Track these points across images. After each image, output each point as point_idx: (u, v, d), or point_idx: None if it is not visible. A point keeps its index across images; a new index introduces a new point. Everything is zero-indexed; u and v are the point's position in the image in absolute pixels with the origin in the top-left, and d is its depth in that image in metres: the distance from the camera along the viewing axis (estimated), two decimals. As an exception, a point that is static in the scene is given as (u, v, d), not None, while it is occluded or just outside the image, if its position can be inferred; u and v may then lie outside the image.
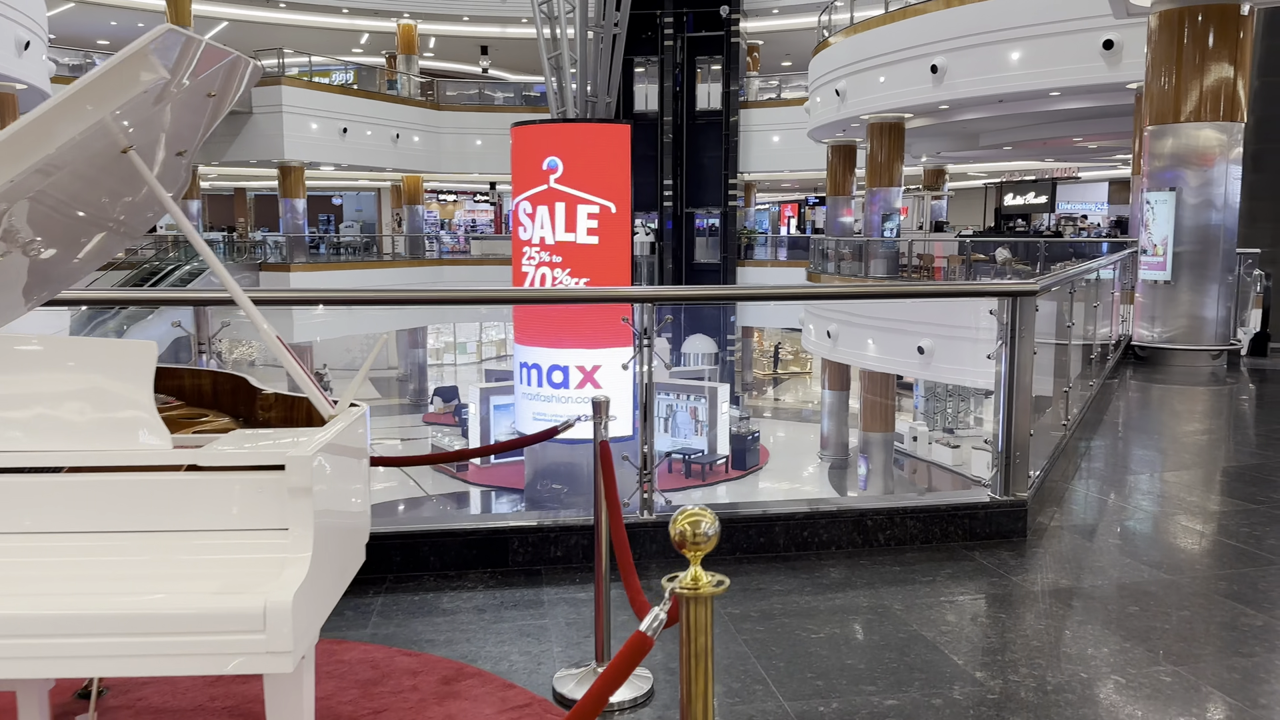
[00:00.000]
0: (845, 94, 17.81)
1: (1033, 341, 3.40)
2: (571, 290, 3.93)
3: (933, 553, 3.30)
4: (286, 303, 5.14)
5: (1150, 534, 3.60)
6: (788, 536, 3.32)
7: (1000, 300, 3.37)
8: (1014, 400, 3.37)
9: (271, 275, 25.00)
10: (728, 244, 27.67)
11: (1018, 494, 3.43)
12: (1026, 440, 3.42)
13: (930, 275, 17.20)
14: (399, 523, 3.43)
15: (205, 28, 29.76)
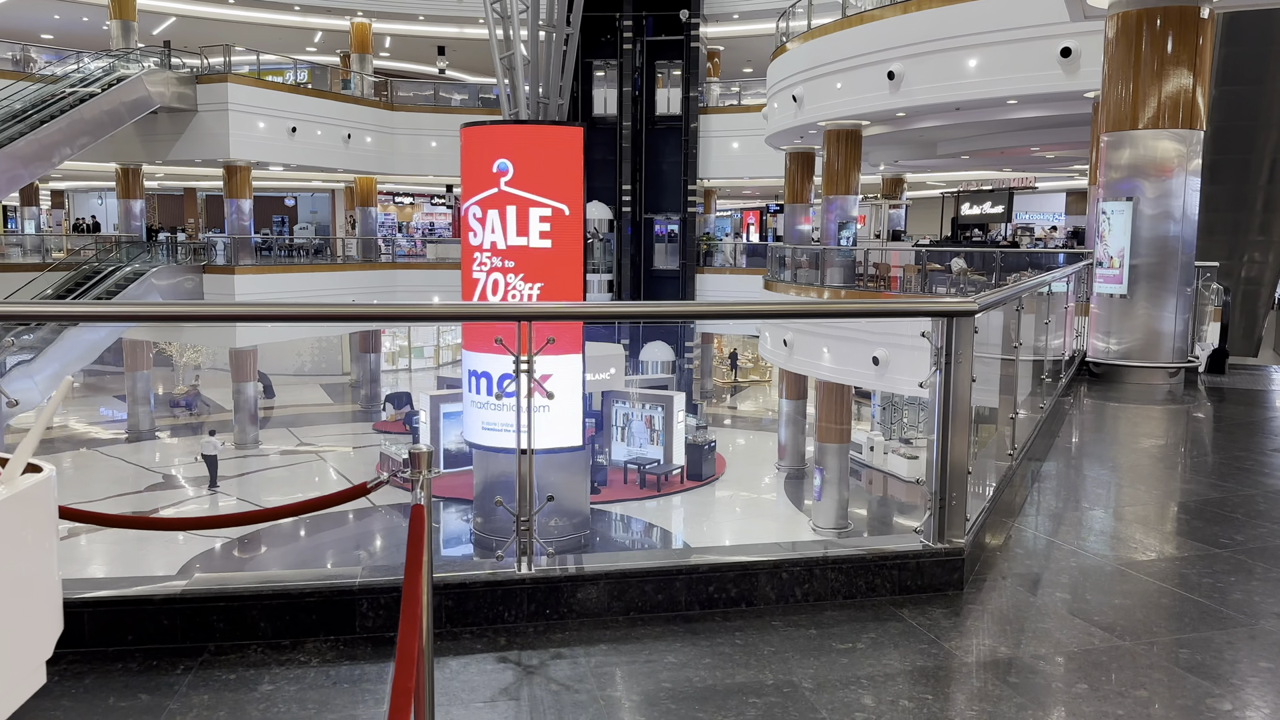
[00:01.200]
0: (802, 100, 17.50)
1: (970, 367, 2.98)
2: (447, 308, 3.36)
3: (856, 611, 2.86)
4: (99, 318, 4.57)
5: (1103, 586, 3.19)
6: (690, 593, 2.86)
7: (934, 321, 2.94)
8: (949, 434, 2.94)
9: (215, 278, 24.21)
10: (686, 250, 27.30)
11: (954, 540, 3.00)
12: (964, 479, 3.00)
13: (887, 284, 16.91)
14: (225, 580, 2.86)
15: (152, 23, 28.92)
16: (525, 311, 2.90)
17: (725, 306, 3.96)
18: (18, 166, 19.68)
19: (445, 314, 2.49)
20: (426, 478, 2.15)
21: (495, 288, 16.19)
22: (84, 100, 21.42)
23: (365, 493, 2.39)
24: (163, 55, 24.23)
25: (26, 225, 35.29)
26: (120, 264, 24.10)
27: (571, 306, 2.58)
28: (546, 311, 2.81)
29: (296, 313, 2.31)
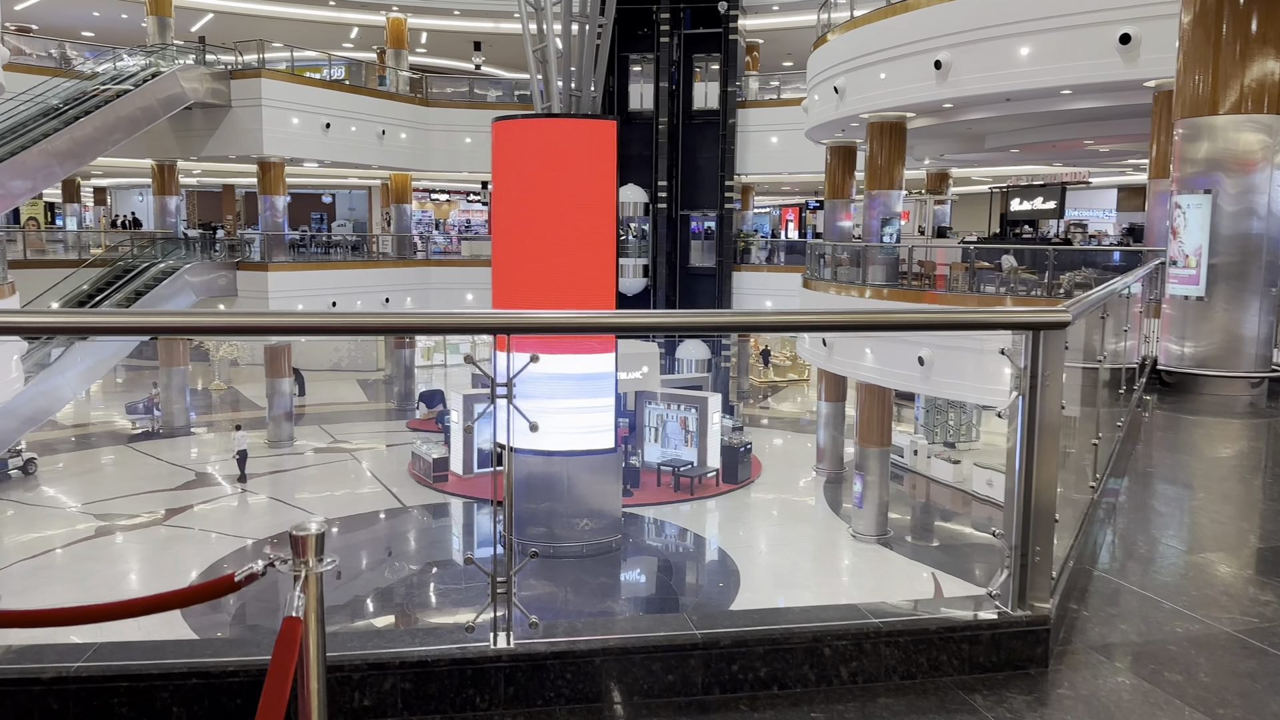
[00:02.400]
0: (844, 92, 16.89)
1: (1060, 391, 2.44)
2: (417, 318, 2.78)
3: (916, 697, 2.32)
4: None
5: (1221, 662, 2.59)
6: (709, 673, 2.33)
7: (1016, 335, 2.41)
8: (1033, 474, 2.41)
9: (249, 275, 24.10)
10: (723, 247, 26.74)
11: (1037, 606, 2.45)
12: (1050, 529, 2.46)
13: (932, 283, 16.25)
14: (131, 654, 2.37)
15: (191, 19, 28.91)
16: (506, 322, 2.42)
17: (764, 317, 3.39)
18: (52, 163, 19.63)
19: (414, 325, 2.02)
20: (313, 570, 1.64)
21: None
22: (118, 96, 21.35)
23: (234, 588, 1.89)
24: (198, 51, 24.15)
25: (69, 222, 35.56)
26: (155, 260, 24.08)
27: (564, 316, 1.99)
28: (533, 322, 2.32)
29: (270, 324, 1.90)
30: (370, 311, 3.33)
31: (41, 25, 29.35)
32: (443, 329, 2.36)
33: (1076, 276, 14.46)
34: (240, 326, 2.24)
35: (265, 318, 2.22)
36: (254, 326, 2.36)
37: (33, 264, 24.18)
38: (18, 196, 19.22)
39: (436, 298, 29.05)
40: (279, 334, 4.35)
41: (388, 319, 2.23)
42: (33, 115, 20.56)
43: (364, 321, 2.35)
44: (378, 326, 2.20)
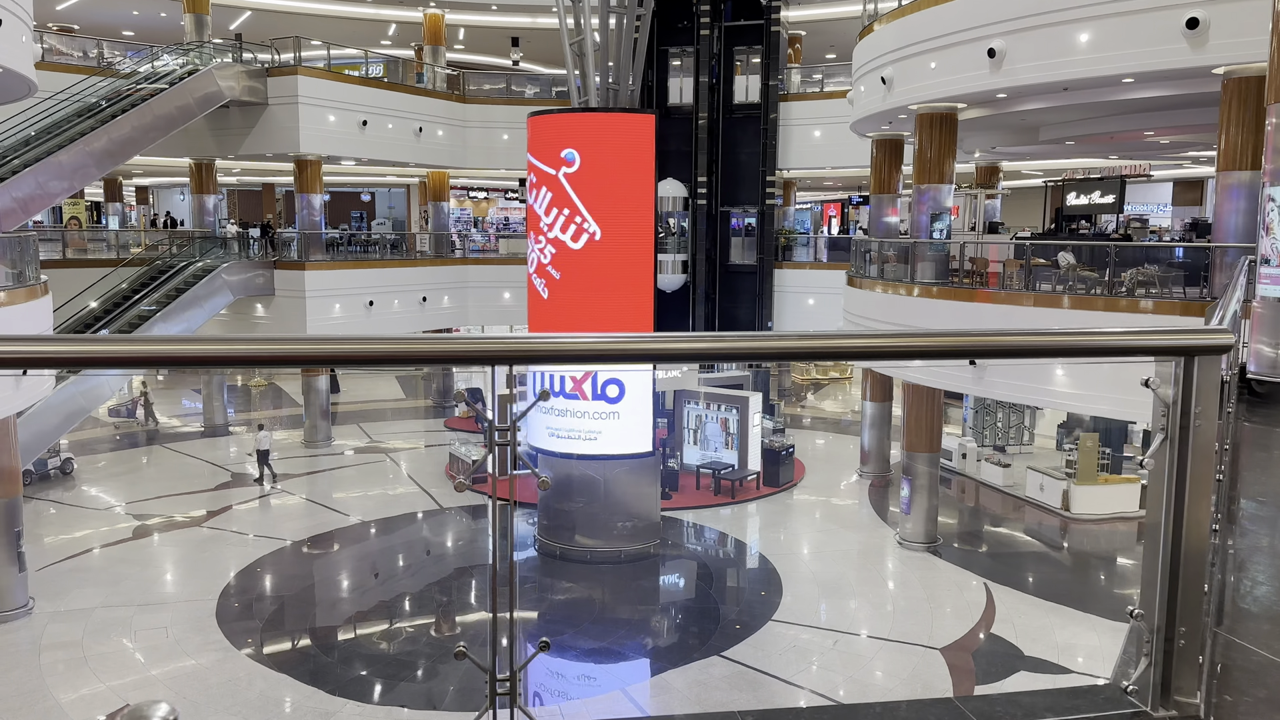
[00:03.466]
0: (892, 82, 16.26)
1: (1214, 429, 1.92)
2: (407, 346, 2.18)
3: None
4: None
5: None
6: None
7: (1162, 363, 1.89)
8: (1182, 540, 1.90)
9: (286, 274, 23.99)
10: (765, 244, 26.15)
11: (1184, 700, 1.95)
12: (1200, 606, 1.94)
13: (984, 281, 15.61)
14: None
15: (229, 17, 28.90)
16: (508, 349, 1.96)
17: (838, 341, 2.72)
18: (88, 162, 19.59)
19: (406, 354, 1.61)
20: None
21: (541, 269, 15.43)
22: (154, 95, 21.29)
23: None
24: (234, 49, 24.07)
25: (111, 221, 35.85)
26: (192, 259, 24.05)
27: (579, 343, 1.61)
28: (538, 350, 1.87)
29: (243, 354, 1.54)
30: (352, 337, 2.92)
31: (83, 24, 29.52)
32: (433, 358, 1.93)
33: (1139, 274, 13.77)
34: (201, 357, 1.82)
35: (229, 346, 1.79)
36: (216, 357, 1.94)
37: (72, 263, 24.30)
38: (55, 196, 19.21)
39: (473, 296, 28.81)
40: (239, 365, 3.83)
41: (365, 347, 1.77)
42: (69, 114, 20.56)
43: (339, 350, 1.91)
44: (355, 356, 1.74)
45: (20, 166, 18.34)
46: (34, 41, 14.25)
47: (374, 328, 26.39)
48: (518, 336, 1.97)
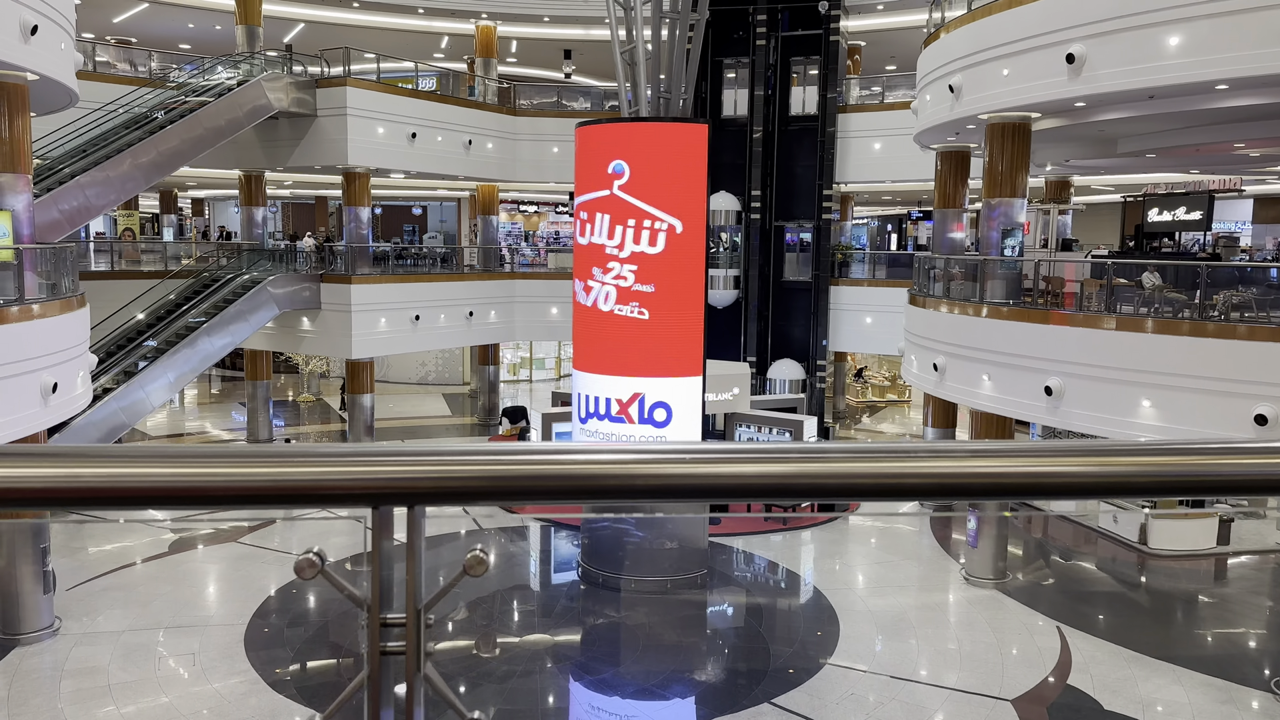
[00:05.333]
0: (961, 91, 15.36)
1: None
2: (276, 479, 1.42)
3: None
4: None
5: None
6: None
7: None
8: None
9: (332, 287, 23.68)
10: (820, 260, 25.28)
11: None
12: None
13: (1059, 301, 14.61)
14: None
15: (282, 29, 28.88)
16: (396, 484, 1.20)
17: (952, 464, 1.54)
18: (135, 174, 19.43)
19: (270, 488, 1.01)
20: None
21: (588, 291, 14.76)
22: (202, 106, 21.13)
23: None
24: (284, 60, 23.91)
25: (166, 233, 36.10)
26: (239, 271, 23.86)
27: (488, 474, 0.97)
28: (436, 483, 1.08)
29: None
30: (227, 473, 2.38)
31: (140, 37, 29.72)
32: (303, 494, 1.18)
33: (1233, 296, 12.69)
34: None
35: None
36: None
37: (121, 274, 24.27)
38: (101, 208, 19.06)
39: (521, 311, 28.31)
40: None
41: (260, 484, 0.97)
42: (117, 125, 20.46)
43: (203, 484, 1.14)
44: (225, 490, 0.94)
45: (67, 178, 18.21)
46: (75, 50, 13.93)
47: (419, 342, 26.02)
48: (417, 472, 1.21)
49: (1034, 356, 13.58)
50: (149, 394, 19.43)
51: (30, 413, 11.63)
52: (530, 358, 39.27)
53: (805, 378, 25.32)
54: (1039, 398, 13.39)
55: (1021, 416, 14.32)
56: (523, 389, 37.33)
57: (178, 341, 20.51)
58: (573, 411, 15.83)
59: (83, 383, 13.52)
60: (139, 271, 24.91)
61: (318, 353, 28.09)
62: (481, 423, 29.81)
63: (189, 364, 20.58)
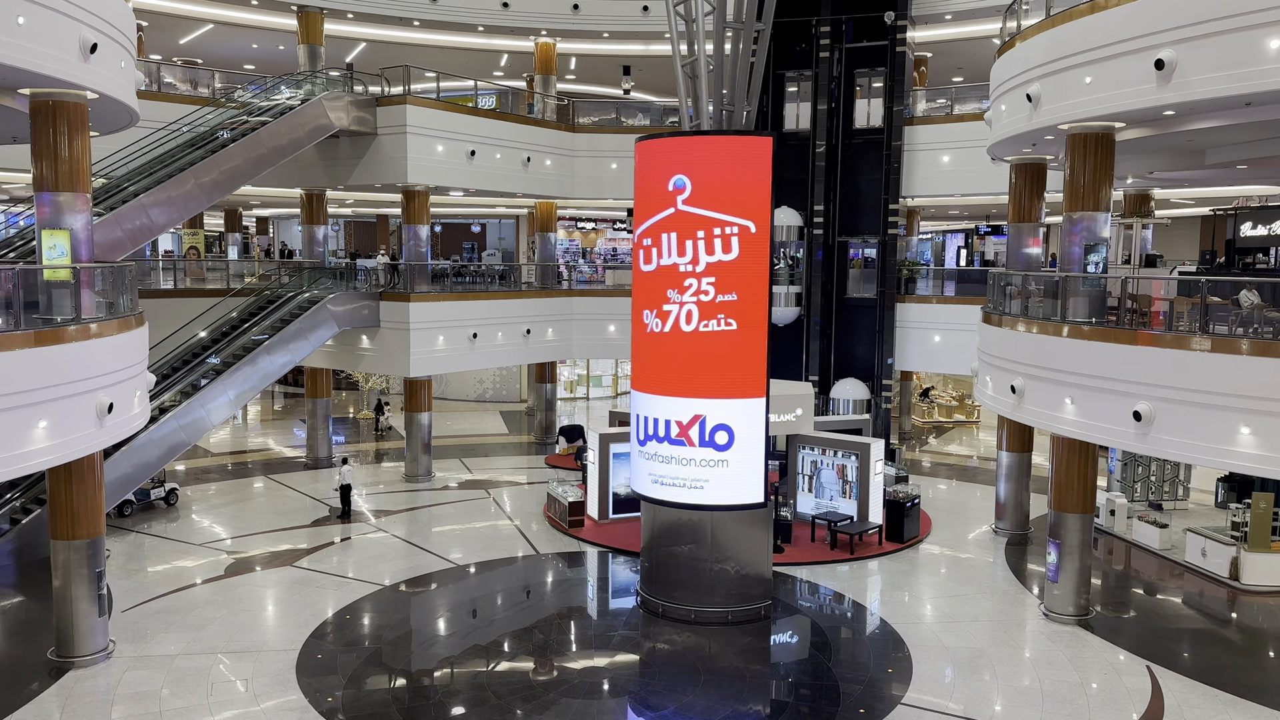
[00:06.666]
0: (1039, 100, 14.62)
1: None
2: None
3: None
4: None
5: None
6: None
7: None
8: None
9: (391, 305, 23.61)
10: (886, 276, 24.53)
11: None
12: None
13: (1146, 320, 13.76)
14: None
15: (344, 49, 29.13)
16: None
17: None
18: (197, 192, 19.53)
19: None
20: None
21: (664, 316, 14.27)
22: (263, 125, 21.23)
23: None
24: (345, 80, 23.99)
25: (230, 251, 36.63)
26: (300, 289, 23.92)
27: None
28: None
29: None
30: None
31: (206, 58, 30.20)
32: None
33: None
34: None
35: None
36: None
37: (184, 293, 24.52)
38: (163, 226, 19.15)
39: (578, 329, 28.00)
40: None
41: None
42: (180, 145, 20.63)
43: None
44: None
45: (130, 196, 18.35)
46: (137, 69, 13.94)
47: (477, 360, 25.83)
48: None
49: (1121, 379, 12.76)
50: (209, 412, 19.46)
51: (85, 433, 11.51)
52: (587, 375, 38.97)
53: (870, 398, 24.55)
54: (1126, 423, 12.57)
55: (1107, 443, 13.47)
56: (579, 407, 37.03)
57: (239, 359, 20.57)
58: (631, 432, 15.37)
59: (140, 402, 13.42)
60: (202, 289, 25.14)
61: (377, 370, 28.09)
62: (538, 441, 29.54)
63: (249, 382, 20.59)
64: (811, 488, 20.09)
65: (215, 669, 12.96)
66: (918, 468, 26.26)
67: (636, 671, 13.52)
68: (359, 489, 22.96)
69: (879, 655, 14.03)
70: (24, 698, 12.00)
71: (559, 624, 15.34)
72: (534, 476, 25.05)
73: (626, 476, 18.22)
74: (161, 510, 21.11)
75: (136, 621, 14.51)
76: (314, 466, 25.83)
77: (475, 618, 15.65)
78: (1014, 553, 18.84)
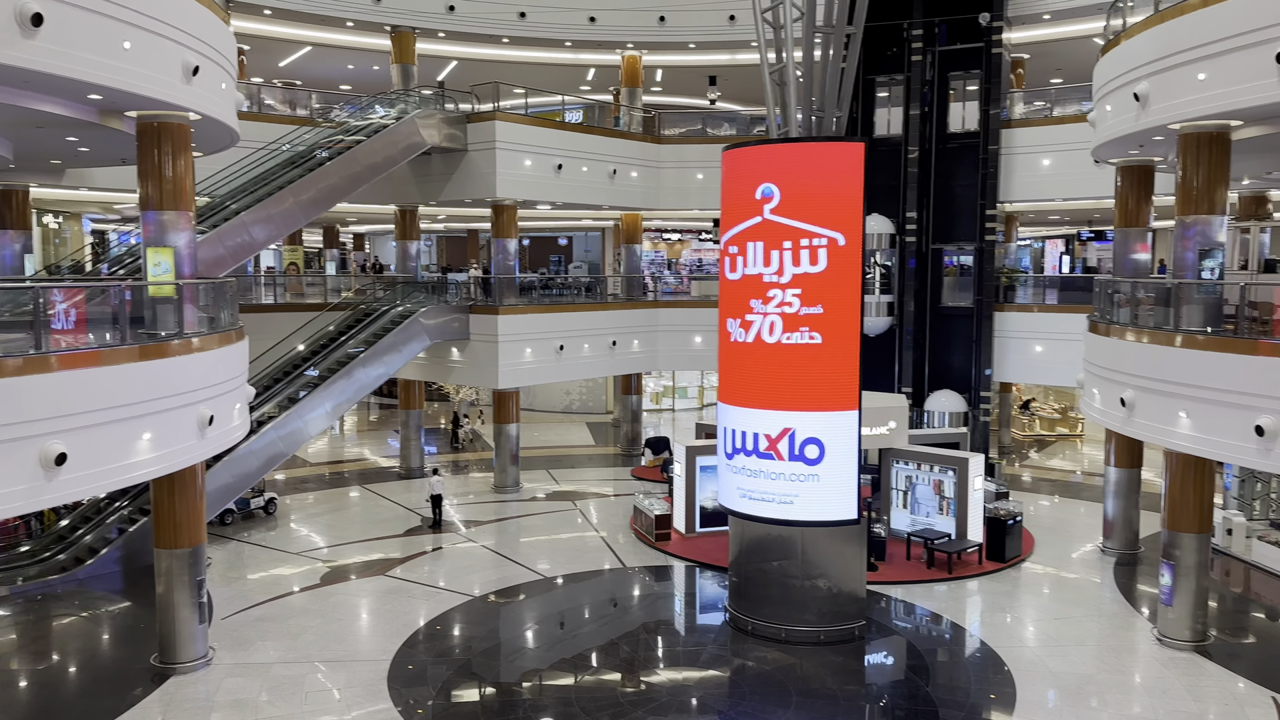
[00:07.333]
0: (1147, 99, 13.92)
1: None
2: None
3: None
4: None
5: None
6: None
7: None
8: None
9: (480, 318, 23.88)
10: (983, 284, 23.76)
11: None
12: None
13: (1268, 329, 12.93)
14: None
15: (435, 68, 29.69)
16: None
17: None
18: (295, 210, 20.08)
19: None
20: None
21: (748, 327, 14.02)
22: (358, 144, 21.73)
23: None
24: (437, 98, 24.42)
25: (329, 266, 37.64)
26: (394, 303, 24.39)
27: None
28: None
29: None
30: None
31: (304, 79, 31.16)
32: None
33: None
34: None
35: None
36: None
37: (283, 307, 25.20)
38: (262, 244, 19.74)
39: (664, 340, 27.89)
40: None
41: None
42: (279, 164, 21.25)
43: None
44: None
45: (232, 215, 18.96)
46: (238, 90, 14.37)
47: (564, 372, 25.93)
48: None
49: (1240, 391, 12.00)
50: (307, 423, 19.94)
51: (186, 445, 11.84)
52: (673, 386, 38.82)
53: (967, 410, 23.78)
54: (1248, 438, 11.80)
55: (1226, 459, 12.70)
56: (665, 418, 36.89)
57: (335, 372, 21.05)
58: (718, 445, 15.13)
59: (239, 415, 13.78)
60: (301, 304, 25.84)
61: (466, 382, 28.49)
62: (624, 452, 29.49)
63: (345, 394, 21.04)
64: (906, 503, 19.51)
65: (310, 677, 13.18)
66: (1018, 483, 25.33)
67: (726, 690, 13.26)
68: (449, 499, 23.23)
69: (979, 679, 13.47)
70: (128, 702, 12.38)
71: (646, 639, 15.17)
72: (620, 488, 24.98)
73: (713, 490, 17.97)
74: (261, 519, 21.71)
75: (236, 629, 14.88)
76: (407, 476, 26.26)
77: (562, 629, 15.60)
78: (1123, 573, 17.94)
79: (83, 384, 10.05)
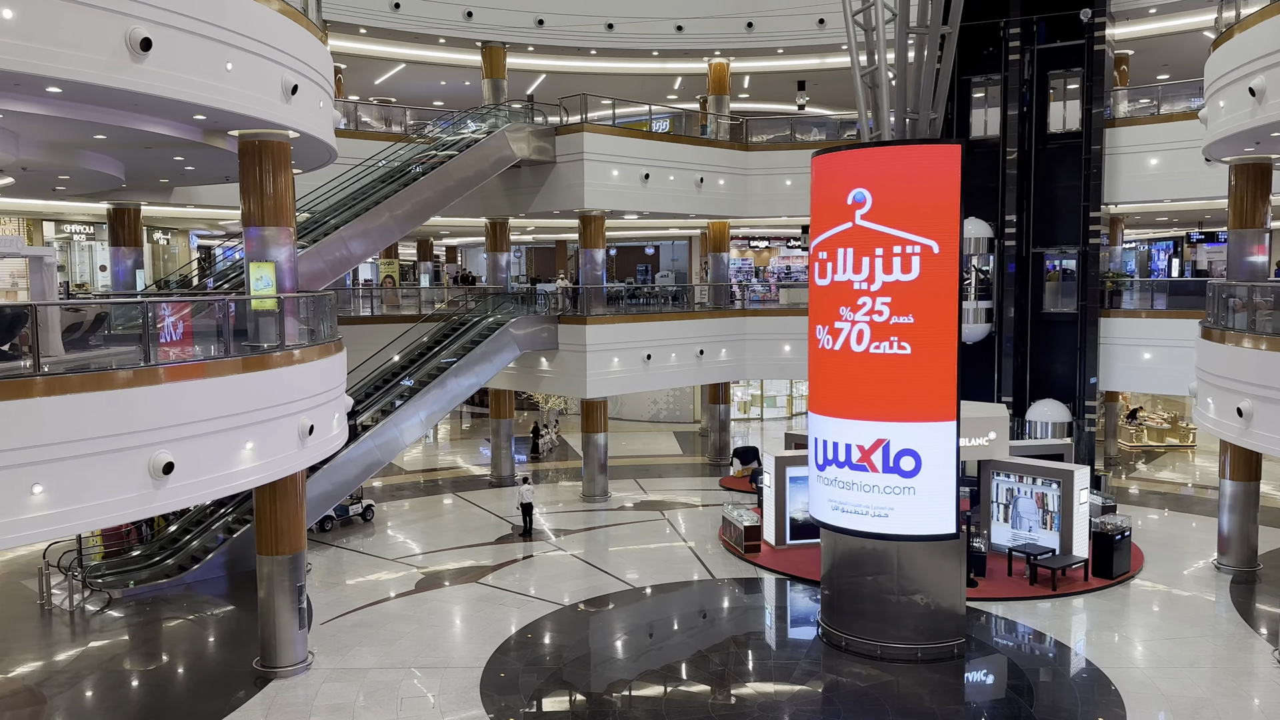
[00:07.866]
0: (1264, 94, 13.21)
1: None
2: None
3: None
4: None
5: None
6: None
7: None
8: None
9: (569, 328, 24.04)
10: (1087, 289, 22.87)
11: None
12: None
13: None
14: None
15: (525, 82, 30.08)
16: None
17: None
18: (391, 224, 20.54)
19: None
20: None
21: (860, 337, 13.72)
22: (450, 159, 22.14)
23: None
24: (526, 111, 24.73)
25: (423, 279, 38.41)
26: (484, 314, 24.74)
27: None
28: None
29: None
30: None
31: (399, 96, 31.95)
32: None
33: None
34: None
35: None
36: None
37: (380, 319, 25.80)
38: (359, 258, 20.24)
39: (751, 349, 27.62)
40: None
41: None
42: (375, 180, 21.78)
43: None
44: None
45: (331, 229, 19.50)
46: (335, 109, 14.76)
47: (651, 381, 25.90)
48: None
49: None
50: (402, 432, 20.34)
51: (288, 454, 12.17)
52: (761, 396, 38.46)
53: (1071, 420, 22.90)
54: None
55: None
56: (753, 428, 36.55)
57: (429, 382, 21.45)
58: (809, 456, 14.87)
59: (339, 424, 14.11)
60: (396, 315, 26.44)
61: (555, 392, 28.68)
62: (712, 462, 29.30)
63: (438, 403, 21.41)
64: (1007, 517, 18.86)
65: (406, 683, 13.39)
66: (1125, 496, 24.26)
67: (819, 706, 12.98)
68: (539, 507, 23.41)
69: (1086, 701, 12.89)
70: (232, 704, 12.77)
71: (736, 652, 14.98)
72: (708, 499, 24.81)
73: (804, 501, 17.68)
74: (359, 525, 22.23)
75: (334, 634, 15.23)
76: (498, 484, 26.59)
77: (651, 640, 15.52)
78: (1240, 591, 16.99)
79: (189, 395, 10.41)
